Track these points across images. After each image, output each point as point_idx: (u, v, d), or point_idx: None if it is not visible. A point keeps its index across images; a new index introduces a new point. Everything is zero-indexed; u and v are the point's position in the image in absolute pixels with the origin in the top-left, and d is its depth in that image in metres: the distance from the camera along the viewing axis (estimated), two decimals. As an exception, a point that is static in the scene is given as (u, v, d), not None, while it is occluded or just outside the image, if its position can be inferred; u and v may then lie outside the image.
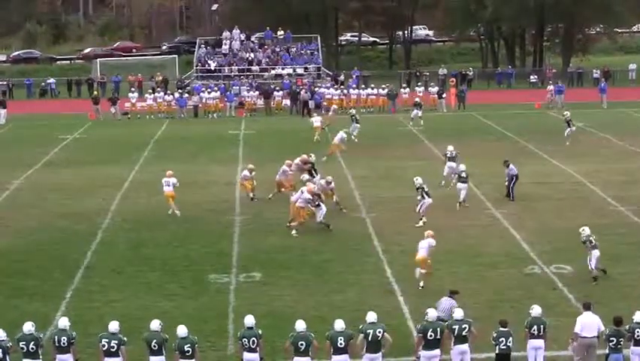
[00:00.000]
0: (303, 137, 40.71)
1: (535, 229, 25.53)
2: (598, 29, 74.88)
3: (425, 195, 26.38)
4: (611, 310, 16.36)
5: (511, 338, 15.56)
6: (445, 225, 26.14)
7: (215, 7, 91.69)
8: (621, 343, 15.41)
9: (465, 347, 15.63)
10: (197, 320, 18.52)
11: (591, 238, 21.29)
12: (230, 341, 17.66)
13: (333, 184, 27.80)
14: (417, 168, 31.50)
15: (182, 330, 15.38)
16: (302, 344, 15.22)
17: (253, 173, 29.49)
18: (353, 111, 43.17)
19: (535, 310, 15.99)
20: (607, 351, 15.51)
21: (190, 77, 62.58)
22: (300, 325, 15.44)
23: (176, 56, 71.62)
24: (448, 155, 31.16)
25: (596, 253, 21.09)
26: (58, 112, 54.17)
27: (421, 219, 26.19)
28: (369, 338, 15.34)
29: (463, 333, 15.61)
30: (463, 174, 28.29)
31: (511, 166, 29.42)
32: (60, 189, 31.73)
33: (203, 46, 64.70)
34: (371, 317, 15.61)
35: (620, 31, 76.79)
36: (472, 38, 79.35)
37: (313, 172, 29.62)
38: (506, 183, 29.27)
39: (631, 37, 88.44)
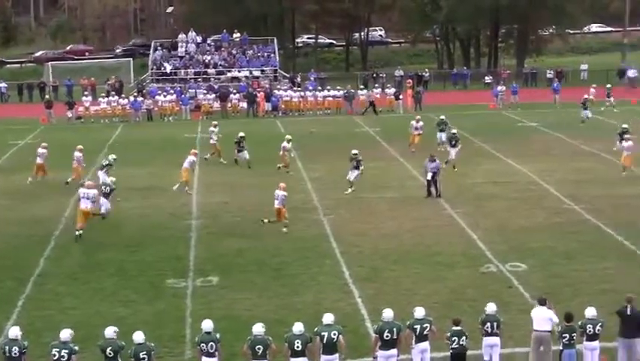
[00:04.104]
0: (259, 139, 40.48)
1: (490, 228, 25.69)
2: (551, 30, 75.72)
3: (357, 167, 29.86)
4: (565, 307, 16.49)
5: (464, 337, 15.61)
6: (402, 226, 26.27)
7: (170, 9, 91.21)
8: (574, 338, 15.56)
9: (426, 345, 15.65)
10: (154, 325, 18.34)
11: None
12: (188, 346, 17.50)
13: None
14: (374, 169, 31.56)
15: (138, 336, 15.17)
16: (259, 348, 15.10)
17: None
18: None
19: (490, 307, 16.07)
20: (560, 347, 15.64)
21: (145, 80, 62.12)
22: (257, 328, 15.31)
23: (130, 59, 71.05)
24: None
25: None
26: (9, 116, 53.36)
27: (351, 187, 29.71)
28: (325, 341, 15.28)
29: (425, 332, 15.63)
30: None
31: (436, 162, 29.68)
32: (12, 195, 31.25)
33: (158, 49, 64.28)
34: (327, 318, 15.54)
35: (572, 32, 77.74)
36: (427, 40, 79.82)
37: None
38: (430, 178, 29.40)
39: (582, 38, 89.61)
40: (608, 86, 53.24)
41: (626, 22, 73.96)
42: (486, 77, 65.66)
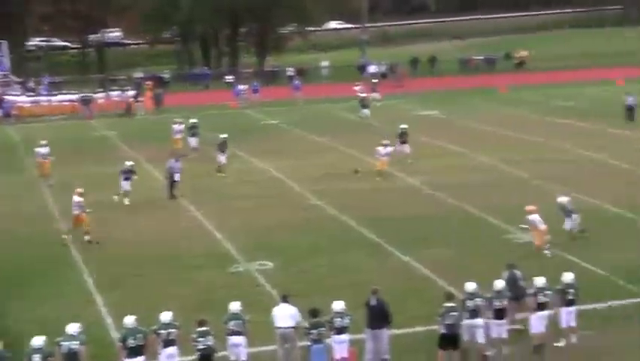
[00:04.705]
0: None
1: (237, 228, 25.60)
2: (291, 29, 77.29)
3: (127, 178, 28.68)
4: (311, 302, 16.55)
5: (210, 337, 15.30)
6: (146, 229, 25.75)
7: None
8: (322, 333, 15.60)
9: (173, 350, 15.29)
10: None
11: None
12: None
13: None
14: (115, 175, 30.43)
15: None
16: (-5, 366, 14.14)
17: None
18: None
19: (233, 306, 15.95)
20: (308, 343, 15.64)
21: None
22: (-7, 346, 14.34)
23: None
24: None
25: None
26: None
27: (119, 195, 28.58)
28: (64, 351, 14.60)
29: (170, 337, 15.23)
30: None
31: (179, 162, 29.71)
32: None
33: None
34: (70, 329, 14.88)
35: (312, 29, 79.66)
36: (167, 40, 79.14)
37: None
38: (176, 179, 29.33)
39: (322, 35, 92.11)
40: (375, 80, 54.82)
41: (363, 19, 76.86)
42: (227, 77, 65.81)
